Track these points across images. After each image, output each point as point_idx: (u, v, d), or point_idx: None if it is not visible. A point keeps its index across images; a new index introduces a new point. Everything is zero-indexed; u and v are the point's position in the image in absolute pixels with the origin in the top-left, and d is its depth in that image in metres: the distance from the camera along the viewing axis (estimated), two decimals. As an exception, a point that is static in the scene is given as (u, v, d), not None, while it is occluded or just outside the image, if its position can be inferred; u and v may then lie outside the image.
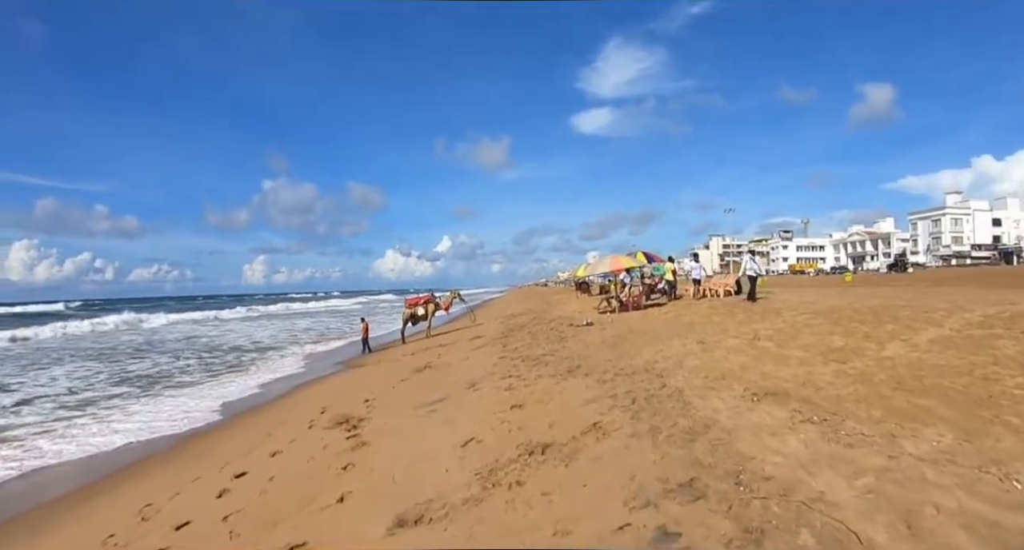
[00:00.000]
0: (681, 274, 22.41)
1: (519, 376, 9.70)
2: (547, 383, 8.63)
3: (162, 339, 32.46)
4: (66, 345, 29.94)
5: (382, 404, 10.41)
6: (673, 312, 16.90)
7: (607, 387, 7.64)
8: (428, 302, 24.30)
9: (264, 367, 19.46)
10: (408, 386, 11.92)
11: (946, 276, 41.11)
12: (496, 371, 10.85)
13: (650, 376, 8.01)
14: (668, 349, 10.21)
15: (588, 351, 11.33)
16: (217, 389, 15.17)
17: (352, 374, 16.63)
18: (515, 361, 11.64)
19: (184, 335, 35.08)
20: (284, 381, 16.10)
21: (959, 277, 37.19)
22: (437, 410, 8.54)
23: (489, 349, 14.95)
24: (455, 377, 11.43)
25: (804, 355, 8.41)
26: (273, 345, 27.22)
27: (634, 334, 13.06)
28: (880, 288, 24.86)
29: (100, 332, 38.38)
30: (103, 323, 43.10)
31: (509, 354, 12.99)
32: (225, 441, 10.19)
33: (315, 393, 13.93)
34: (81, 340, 32.98)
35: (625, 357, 9.93)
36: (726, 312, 14.81)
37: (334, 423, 9.45)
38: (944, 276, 41.41)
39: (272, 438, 9.51)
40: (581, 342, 12.89)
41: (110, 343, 30.37)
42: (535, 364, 10.67)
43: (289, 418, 11.04)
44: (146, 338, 33.52)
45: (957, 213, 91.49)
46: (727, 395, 6.58)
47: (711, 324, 13.18)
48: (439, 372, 12.95)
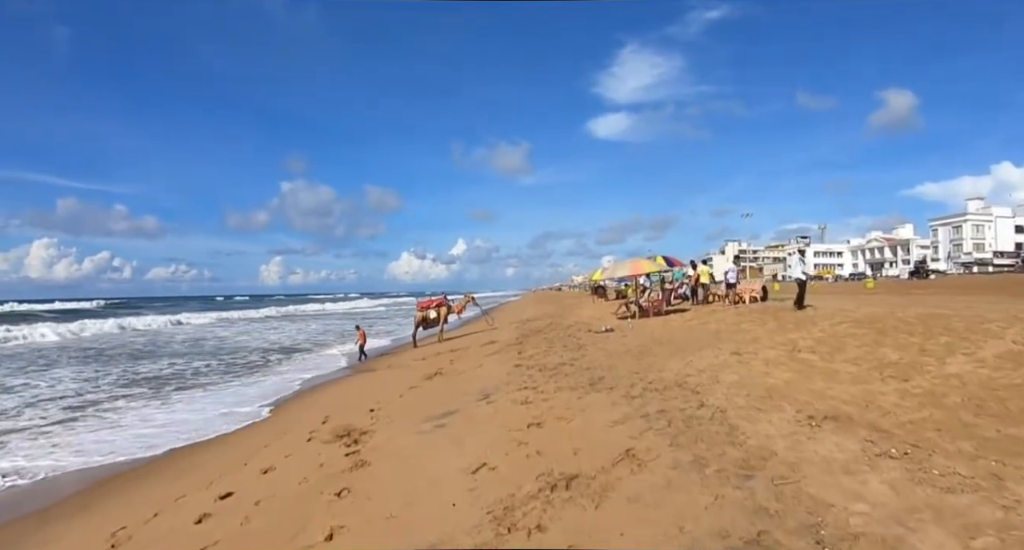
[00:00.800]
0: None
1: (536, 388, 8.83)
2: (568, 397, 7.76)
3: (217, 336, 34.23)
4: (158, 340, 31.98)
5: (387, 415, 9.60)
6: (697, 319, 15.95)
7: (636, 404, 6.76)
8: (440, 305, 23.48)
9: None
10: (416, 395, 11.11)
11: (971, 283, 39.70)
12: (511, 381, 10.00)
13: (684, 392, 7.11)
14: (699, 361, 9.31)
15: (611, 361, 10.44)
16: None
17: (361, 379, 15.87)
18: (531, 370, 10.78)
19: (238, 332, 36.98)
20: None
21: (986, 285, 35.83)
22: (446, 425, 7.69)
23: (503, 356, 14.11)
24: (467, 386, 10.58)
25: (856, 370, 7.48)
26: (327, 342, 28.67)
27: (659, 343, 12.15)
28: (908, 296, 23.74)
29: (155, 330, 40.08)
30: (153, 321, 45.80)
31: (525, 362, 12.13)
32: (223, 451, 9.49)
33: (322, 399, 13.18)
34: (157, 336, 35.06)
35: (653, 369, 9.03)
36: (755, 320, 13.85)
37: (334, 436, 8.66)
38: (969, 283, 39.99)
39: (269, 450, 8.76)
40: (602, 350, 12.00)
41: (184, 339, 32.45)
42: (553, 374, 9.81)
43: (291, 427, 10.31)
44: (199, 335, 35.08)
45: (979, 219, 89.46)
46: (778, 418, 5.68)
47: (740, 333, 12.24)
48: (450, 380, 12.13)
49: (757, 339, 10.91)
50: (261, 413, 12.07)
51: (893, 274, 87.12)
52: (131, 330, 38.99)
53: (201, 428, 10.93)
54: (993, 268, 79.74)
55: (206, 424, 11.23)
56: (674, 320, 16.68)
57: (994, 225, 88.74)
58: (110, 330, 37.69)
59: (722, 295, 19.65)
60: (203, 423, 11.31)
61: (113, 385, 15.94)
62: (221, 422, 11.35)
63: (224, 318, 52.70)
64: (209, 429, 10.84)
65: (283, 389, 14.88)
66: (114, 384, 16.12)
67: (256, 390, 14.90)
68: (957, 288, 31.91)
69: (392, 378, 14.87)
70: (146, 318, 47.39)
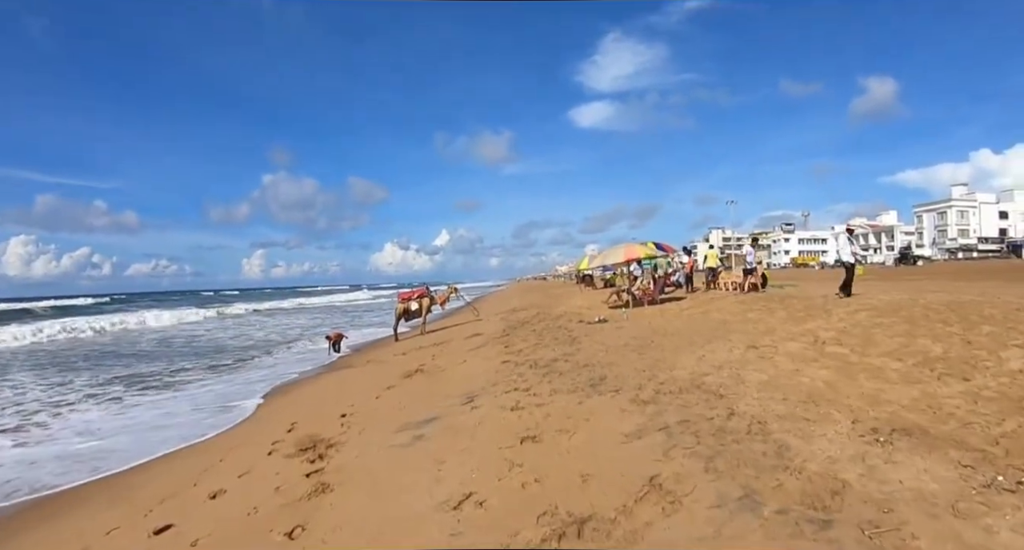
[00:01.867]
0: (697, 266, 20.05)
1: (528, 389, 7.69)
2: (566, 402, 6.62)
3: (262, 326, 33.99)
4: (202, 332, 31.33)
5: (360, 421, 8.45)
6: (697, 308, 14.91)
7: (651, 412, 5.64)
8: (422, 296, 22.24)
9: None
10: (394, 396, 9.95)
11: (962, 270, 39.18)
12: (498, 380, 8.87)
13: (706, 396, 6.00)
14: (713, 356, 8.22)
15: (610, 356, 9.31)
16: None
17: (338, 377, 14.65)
18: (521, 367, 9.65)
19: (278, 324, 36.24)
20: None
21: (977, 271, 35.29)
22: (424, 437, 6.54)
23: (489, 350, 12.96)
24: (449, 386, 9.44)
25: (901, 367, 6.42)
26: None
27: (661, 335, 11.05)
28: (903, 282, 22.87)
29: (193, 321, 40.28)
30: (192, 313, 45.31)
31: (513, 357, 10.99)
32: (175, 467, 8.28)
33: (293, 400, 11.97)
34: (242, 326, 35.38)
35: (661, 366, 7.91)
36: (761, 308, 12.83)
37: (298, 449, 7.49)
38: (960, 270, 39.47)
39: (223, 466, 7.58)
40: (598, 343, 10.88)
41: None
42: (546, 372, 8.67)
43: (253, 435, 9.13)
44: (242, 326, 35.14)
45: (963, 205, 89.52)
46: (834, 431, 4.59)
47: (749, 323, 11.19)
48: (431, 378, 10.97)
49: (771, 330, 9.86)
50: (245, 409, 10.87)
51: (878, 261, 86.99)
52: (182, 324, 38.32)
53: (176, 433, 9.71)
54: (978, 254, 79.87)
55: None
56: (671, 309, 15.63)
57: (978, 211, 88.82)
58: (168, 323, 37.68)
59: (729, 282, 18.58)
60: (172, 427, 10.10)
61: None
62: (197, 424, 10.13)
63: (259, 309, 53.55)
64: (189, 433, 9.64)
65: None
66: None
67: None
68: (948, 274, 31.19)
69: (370, 376, 13.70)
70: (180, 312, 46.07)
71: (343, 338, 19.67)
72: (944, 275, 30.01)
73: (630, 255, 16.15)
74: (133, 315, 41.02)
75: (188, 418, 10.83)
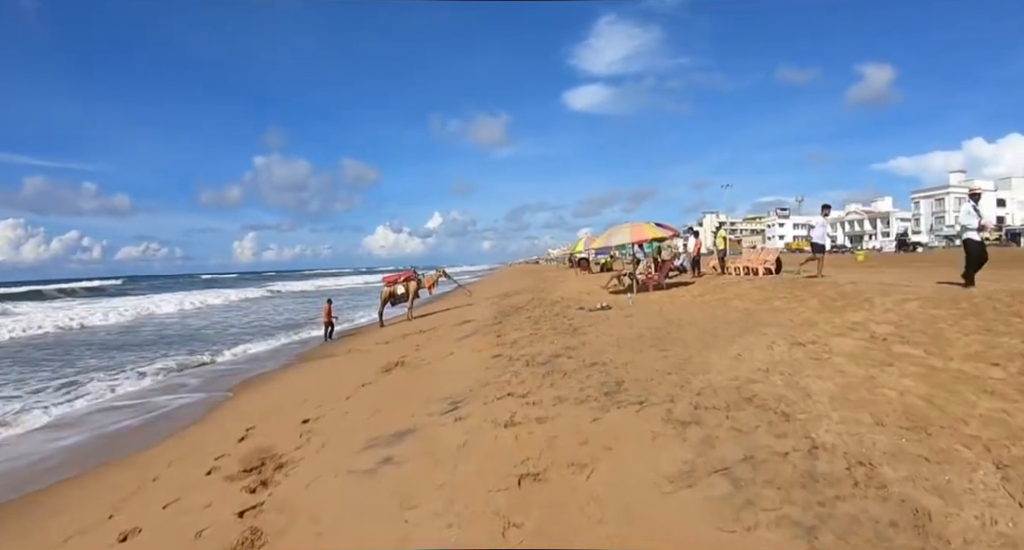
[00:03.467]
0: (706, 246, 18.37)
1: (526, 395, 6.21)
2: (575, 416, 5.14)
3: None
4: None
5: (323, 430, 7.00)
6: (710, 293, 13.44)
7: (695, 438, 4.16)
8: (409, 280, 20.68)
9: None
10: (368, 396, 8.48)
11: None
12: (489, 380, 7.38)
13: (765, 414, 4.51)
14: (751, 354, 6.73)
15: (624, 352, 7.80)
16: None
17: (314, 368, 13.14)
18: (516, 363, 8.15)
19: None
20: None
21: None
22: (393, 460, 5.06)
23: (479, 340, 11.46)
24: (431, 386, 7.94)
25: (1005, 376, 4.95)
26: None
27: (677, 325, 9.55)
28: (909, 268, 21.48)
29: (253, 299, 43.03)
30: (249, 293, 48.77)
31: (506, 350, 9.50)
32: (109, 481, 6.82)
33: (261, 396, 10.49)
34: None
35: (691, 367, 6.39)
36: (786, 295, 11.37)
37: (242, 468, 6.05)
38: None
39: (153, 489, 6.18)
40: (606, 335, 9.36)
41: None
42: (547, 372, 7.16)
43: (202, 442, 7.72)
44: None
45: (961, 192, 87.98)
46: (977, 480, 3.13)
47: (778, 312, 9.74)
48: (412, 374, 9.48)
49: (810, 322, 8.39)
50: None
51: (874, 246, 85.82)
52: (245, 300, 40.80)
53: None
54: (975, 241, 78.64)
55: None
56: (681, 295, 14.15)
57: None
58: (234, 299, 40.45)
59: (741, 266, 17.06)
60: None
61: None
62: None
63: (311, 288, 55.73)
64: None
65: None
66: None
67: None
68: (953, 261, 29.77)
69: (347, 368, 12.21)
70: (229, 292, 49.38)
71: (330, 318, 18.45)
72: (950, 262, 28.66)
73: (638, 236, 14.57)
74: (196, 295, 44.04)
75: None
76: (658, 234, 14.73)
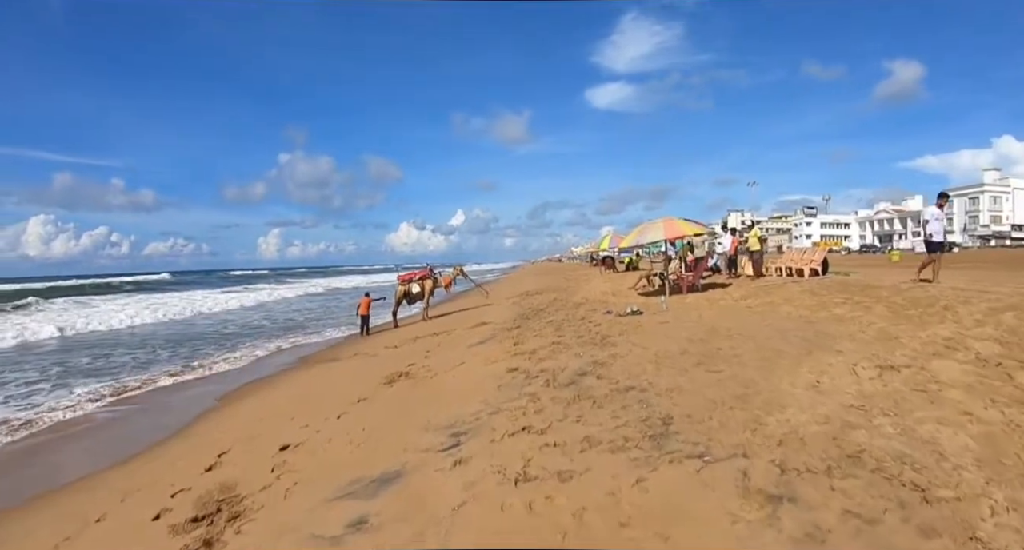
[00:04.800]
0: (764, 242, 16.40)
1: (544, 431, 4.82)
2: (613, 475, 3.71)
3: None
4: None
5: (299, 464, 5.73)
6: (755, 297, 11.91)
7: (792, 524, 2.73)
8: (424, 278, 19.43)
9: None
10: (360, 417, 7.18)
11: (1009, 258, 35.39)
12: (501, 404, 6.01)
13: (889, 486, 3.04)
14: (832, 381, 5.25)
15: (665, 371, 6.35)
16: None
17: (315, 374, 11.96)
18: (534, 381, 6.76)
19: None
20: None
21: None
22: (367, 525, 3.72)
23: (495, 347, 10.09)
24: (433, 408, 6.61)
25: None
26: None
27: (724, 336, 8.04)
28: (955, 270, 19.62)
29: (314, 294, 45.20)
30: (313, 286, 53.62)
31: (524, 362, 8.12)
32: (56, 513, 5.71)
33: (247, 409, 9.35)
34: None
35: (756, 398, 4.92)
36: (844, 301, 9.82)
37: (192, 517, 4.84)
38: (1006, 258, 35.65)
39: (89, 536, 5.04)
40: (640, 347, 7.90)
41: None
42: (572, 397, 5.75)
43: (164, 471, 6.56)
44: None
45: (997, 191, 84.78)
46: None
47: (842, 322, 8.23)
48: (415, 390, 8.16)
49: (888, 336, 6.89)
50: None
51: (905, 247, 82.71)
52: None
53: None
54: (1011, 241, 75.46)
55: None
56: (719, 298, 12.63)
57: (1012, 197, 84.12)
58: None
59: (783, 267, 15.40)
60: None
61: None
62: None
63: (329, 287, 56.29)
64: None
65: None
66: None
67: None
68: (998, 262, 27.57)
69: (348, 376, 10.96)
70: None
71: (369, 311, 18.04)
72: (993, 263, 26.55)
73: (673, 232, 13.00)
74: (257, 291, 47.69)
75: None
76: (694, 230, 13.21)
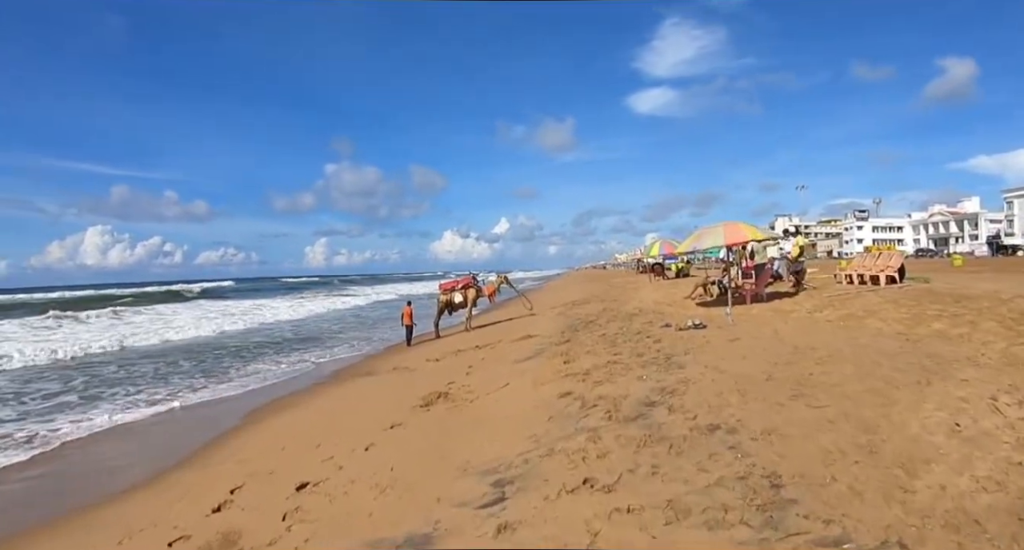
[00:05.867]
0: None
1: (612, 488, 3.72)
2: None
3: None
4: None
5: (314, 512, 4.78)
6: (831, 309, 10.54)
7: None
8: (467, 287, 18.47)
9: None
10: (390, 449, 6.21)
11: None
12: (554, 443, 4.92)
13: None
14: (975, 423, 4.01)
15: (753, 405, 5.11)
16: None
17: (350, 391, 11.05)
18: (592, 412, 5.66)
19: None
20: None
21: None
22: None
23: (543, 366, 9.02)
24: (473, 442, 5.58)
25: None
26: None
27: (813, 358, 6.72)
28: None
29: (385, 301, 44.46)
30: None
31: (578, 385, 7.01)
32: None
33: (271, 432, 8.49)
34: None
35: (886, 447, 3.69)
36: (938, 313, 8.47)
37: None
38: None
39: None
40: (715, 370, 6.65)
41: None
42: (643, 438, 4.58)
43: (168, 510, 5.74)
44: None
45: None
46: None
47: (951, 341, 6.90)
48: (453, 416, 7.14)
49: (1019, 359, 5.61)
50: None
51: (963, 250, 78.30)
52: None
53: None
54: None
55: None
56: (788, 309, 11.25)
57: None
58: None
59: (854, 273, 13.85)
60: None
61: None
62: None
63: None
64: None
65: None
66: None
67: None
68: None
69: (384, 394, 10.05)
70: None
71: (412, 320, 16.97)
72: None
73: (735, 237, 11.65)
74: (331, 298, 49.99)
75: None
76: (760, 235, 11.88)
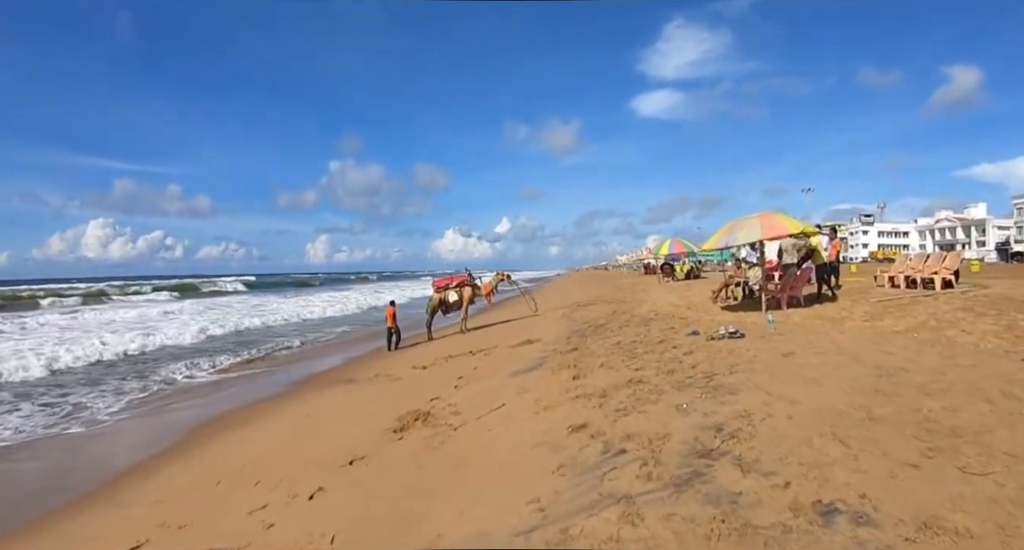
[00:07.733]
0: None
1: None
2: None
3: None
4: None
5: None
6: (889, 315, 8.82)
7: None
8: (462, 285, 16.72)
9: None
10: (340, 501, 4.49)
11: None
12: (569, 520, 3.20)
13: None
14: None
15: (865, 462, 3.31)
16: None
17: (313, 405, 9.24)
18: (619, 463, 3.91)
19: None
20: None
21: None
22: None
23: (547, 381, 7.27)
24: (450, 502, 3.90)
25: None
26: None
27: (911, 385, 4.91)
28: None
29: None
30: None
31: (594, 413, 5.25)
32: None
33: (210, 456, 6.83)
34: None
35: None
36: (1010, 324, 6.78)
37: None
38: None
39: None
40: (779, 399, 4.84)
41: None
42: (713, 525, 2.87)
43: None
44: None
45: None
46: None
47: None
48: (430, 451, 5.38)
49: None
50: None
51: (971, 256, 76.32)
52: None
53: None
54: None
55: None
56: (838, 316, 9.35)
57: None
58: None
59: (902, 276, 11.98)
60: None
61: None
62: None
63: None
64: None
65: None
66: None
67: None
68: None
69: (356, 410, 8.33)
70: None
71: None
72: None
73: (773, 230, 9.79)
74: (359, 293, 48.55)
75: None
76: (801, 228, 10.04)
